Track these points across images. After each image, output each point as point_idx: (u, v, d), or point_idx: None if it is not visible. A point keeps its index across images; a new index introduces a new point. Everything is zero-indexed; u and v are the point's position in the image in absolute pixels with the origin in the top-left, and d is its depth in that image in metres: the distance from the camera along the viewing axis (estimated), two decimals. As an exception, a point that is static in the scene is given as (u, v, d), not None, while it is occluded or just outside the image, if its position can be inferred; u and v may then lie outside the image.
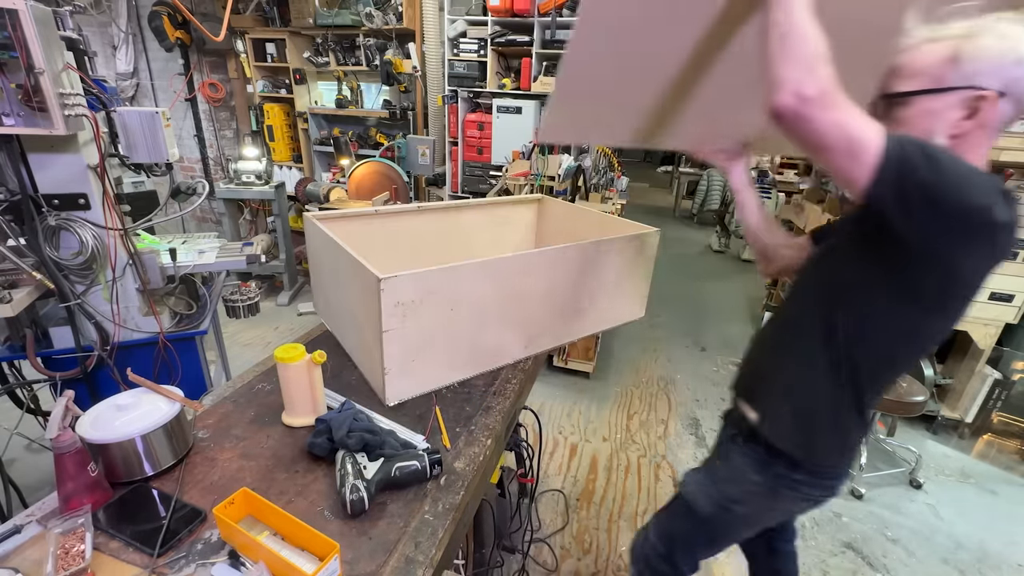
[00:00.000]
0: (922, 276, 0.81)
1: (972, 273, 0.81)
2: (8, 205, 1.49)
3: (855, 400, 0.96)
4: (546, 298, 1.40)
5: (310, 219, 1.50)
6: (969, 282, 0.82)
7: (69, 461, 0.83)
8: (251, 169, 4.11)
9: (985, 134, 0.81)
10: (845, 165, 0.74)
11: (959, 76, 0.79)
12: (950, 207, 0.73)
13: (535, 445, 1.88)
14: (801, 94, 0.72)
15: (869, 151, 0.72)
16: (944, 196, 0.73)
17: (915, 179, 0.72)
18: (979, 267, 0.80)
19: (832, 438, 1.00)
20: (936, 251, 0.77)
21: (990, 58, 0.77)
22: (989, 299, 2.73)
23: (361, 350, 1.30)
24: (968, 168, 0.74)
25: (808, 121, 0.73)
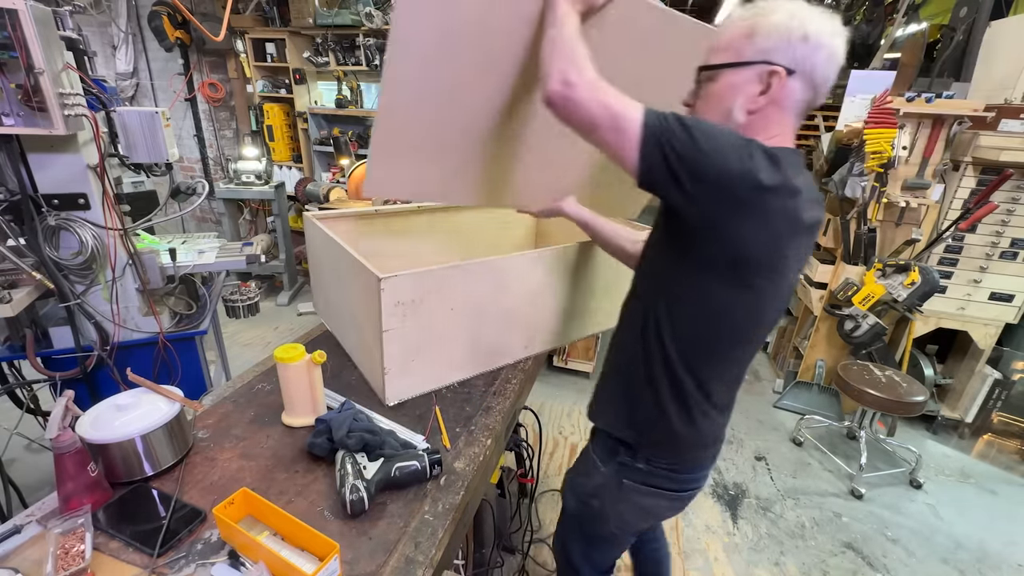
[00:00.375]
0: (708, 249, 0.83)
1: (756, 242, 0.80)
2: (8, 205, 1.49)
3: (674, 389, 0.94)
4: (546, 298, 1.40)
5: (310, 219, 1.50)
6: (761, 253, 0.81)
7: (69, 461, 0.83)
8: (251, 169, 4.11)
9: (780, 112, 0.84)
10: (614, 140, 0.79)
11: (755, 51, 0.82)
12: (712, 174, 0.76)
13: (535, 445, 1.88)
14: (567, 80, 0.81)
15: (633, 125, 0.77)
16: (704, 164, 0.75)
17: (676, 149, 0.75)
18: (760, 236, 0.79)
19: (659, 427, 0.98)
20: (712, 221, 0.79)
21: (780, 34, 0.80)
22: (989, 299, 2.74)
23: (361, 350, 1.30)
24: (728, 137, 0.77)
25: (576, 103, 0.81)
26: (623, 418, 1.03)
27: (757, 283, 0.85)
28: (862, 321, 2.79)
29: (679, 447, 1.00)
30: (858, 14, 4.22)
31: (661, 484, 1.04)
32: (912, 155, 2.64)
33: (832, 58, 0.81)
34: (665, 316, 0.91)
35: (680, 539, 2.18)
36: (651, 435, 1.00)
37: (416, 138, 1.11)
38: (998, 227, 2.64)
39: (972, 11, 2.91)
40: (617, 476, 1.05)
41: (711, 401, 0.96)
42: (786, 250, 0.83)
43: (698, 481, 1.08)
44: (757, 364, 3.78)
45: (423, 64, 0.98)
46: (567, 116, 0.83)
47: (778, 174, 0.76)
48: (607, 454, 1.07)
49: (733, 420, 3.00)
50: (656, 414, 0.97)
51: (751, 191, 0.76)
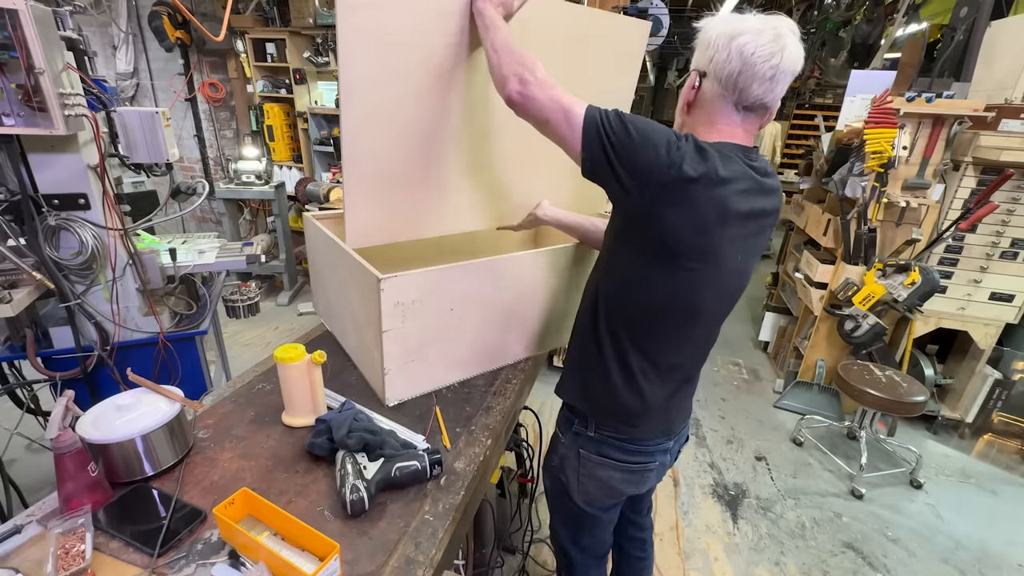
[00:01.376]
0: (642, 234, 0.91)
1: (684, 229, 0.87)
2: (8, 205, 1.49)
3: (620, 360, 1.02)
4: (546, 298, 1.40)
5: (310, 219, 1.50)
6: (690, 239, 0.88)
7: (69, 461, 0.83)
8: (251, 169, 4.11)
9: (701, 112, 0.94)
10: (566, 132, 0.88)
11: (696, 58, 0.94)
12: (643, 164, 0.84)
13: (535, 445, 1.88)
14: (523, 79, 0.90)
15: (578, 117, 0.87)
16: (636, 155, 0.84)
17: (612, 141, 0.84)
18: (686, 222, 0.86)
19: (604, 395, 1.06)
20: (644, 209, 0.87)
21: (701, 42, 0.92)
22: (989, 299, 2.73)
23: (361, 350, 1.30)
24: (660, 132, 0.85)
25: (532, 100, 0.90)
26: (576, 388, 1.12)
27: (689, 266, 0.91)
28: (862, 321, 2.79)
29: (627, 416, 1.07)
30: (858, 14, 4.22)
31: (611, 455, 1.10)
32: (912, 155, 2.64)
33: (730, 58, 0.86)
34: (611, 295, 1.01)
35: (680, 539, 2.18)
36: (601, 403, 1.08)
37: (387, 170, 1.15)
38: (998, 227, 2.64)
39: (972, 11, 2.91)
40: (574, 446, 1.14)
41: (658, 371, 1.03)
42: (716, 237, 0.89)
43: (651, 456, 1.12)
44: (757, 364, 3.78)
45: (373, 97, 1.04)
46: (525, 112, 0.92)
47: (703, 165, 0.83)
48: (565, 425, 1.18)
49: (733, 420, 3.03)
50: (604, 383, 1.05)
51: (676, 181, 0.83)
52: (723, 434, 2.92)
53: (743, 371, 3.67)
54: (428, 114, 1.14)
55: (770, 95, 0.88)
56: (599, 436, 1.10)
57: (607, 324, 1.02)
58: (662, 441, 1.12)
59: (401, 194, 1.21)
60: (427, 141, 1.17)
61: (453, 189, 1.29)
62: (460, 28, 1.07)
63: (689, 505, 2.37)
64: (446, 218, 1.33)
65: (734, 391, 3.39)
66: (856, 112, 3.14)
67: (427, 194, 1.25)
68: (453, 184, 1.29)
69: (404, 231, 1.28)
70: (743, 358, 3.86)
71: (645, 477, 1.15)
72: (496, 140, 1.31)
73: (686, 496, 2.42)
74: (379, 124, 1.08)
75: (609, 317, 1.01)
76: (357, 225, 1.17)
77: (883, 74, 3.12)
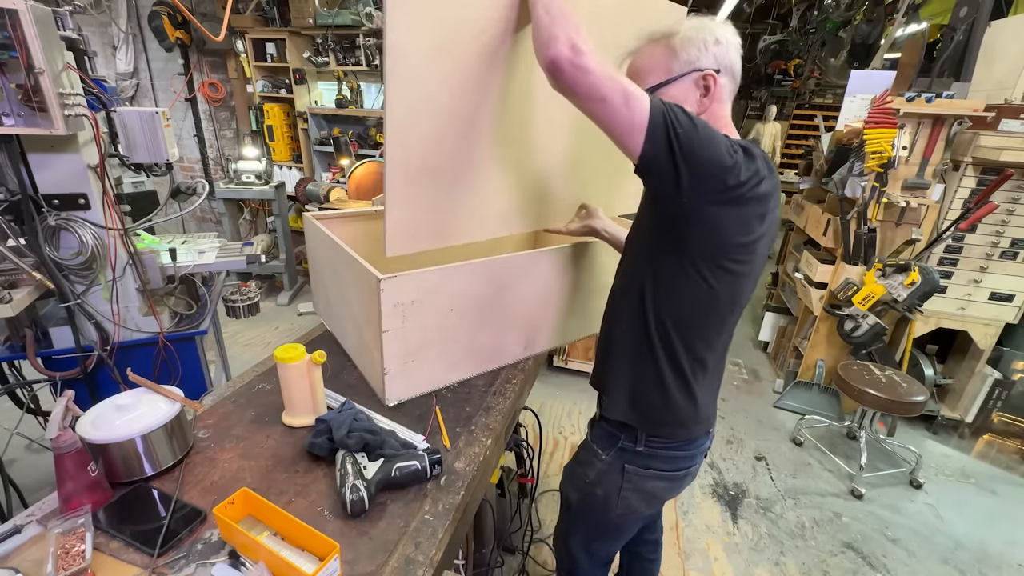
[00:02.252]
0: (684, 229, 0.88)
1: (735, 230, 0.87)
2: (8, 205, 1.49)
3: (672, 362, 1.00)
4: (546, 298, 1.40)
5: (310, 219, 1.50)
6: (739, 239, 0.88)
7: (69, 461, 0.83)
8: (251, 169, 4.11)
9: (721, 107, 0.96)
10: (624, 118, 0.80)
11: (683, 63, 0.93)
12: (705, 161, 0.81)
13: (535, 445, 1.88)
14: (576, 46, 0.79)
15: (643, 103, 0.79)
16: (702, 151, 0.80)
17: (679, 133, 0.79)
18: (738, 223, 0.87)
19: (660, 403, 1.03)
20: (691, 204, 0.84)
21: (696, 43, 0.91)
22: (989, 299, 2.73)
23: (361, 350, 1.30)
24: (717, 132, 0.84)
25: (586, 72, 0.79)
26: (625, 403, 1.06)
27: (733, 265, 0.91)
28: (862, 321, 2.79)
29: (680, 421, 1.04)
30: (858, 14, 4.22)
31: (660, 466, 1.08)
32: (912, 155, 2.64)
33: (737, 51, 0.94)
34: (659, 300, 0.97)
35: (680, 539, 2.18)
36: (654, 413, 1.04)
37: (432, 163, 1.05)
38: (998, 227, 2.64)
39: (972, 11, 2.91)
40: (619, 461, 1.09)
41: (705, 370, 1.02)
42: (757, 232, 0.90)
43: (693, 459, 1.12)
44: (757, 364, 3.78)
45: (422, 76, 0.95)
46: (573, 82, 0.80)
47: (753, 164, 0.84)
48: (607, 442, 1.11)
49: (733, 420, 3.03)
50: (659, 392, 1.02)
51: (735, 186, 0.82)
52: (723, 434, 2.92)
53: (743, 371, 3.67)
54: (473, 98, 1.03)
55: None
56: (648, 450, 1.07)
57: (658, 330, 0.98)
58: (703, 441, 1.12)
59: (444, 193, 1.11)
60: (471, 131, 1.08)
61: (494, 189, 1.21)
62: (512, 3, 0.97)
63: (689, 505, 2.37)
64: (488, 221, 1.25)
65: (734, 391, 3.39)
66: (856, 112, 3.14)
67: (469, 194, 1.16)
68: (494, 183, 1.20)
69: (445, 235, 1.16)
70: (743, 358, 3.86)
71: (686, 481, 1.15)
72: (538, 132, 1.22)
73: (686, 496, 2.42)
74: (427, 109, 0.97)
75: (659, 323, 0.98)
76: (401, 229, 1.06)
77: (883, 74, 3.12)
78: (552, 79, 0.83)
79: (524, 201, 1.31)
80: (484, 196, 1.20)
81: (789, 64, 7.50)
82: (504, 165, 1.20)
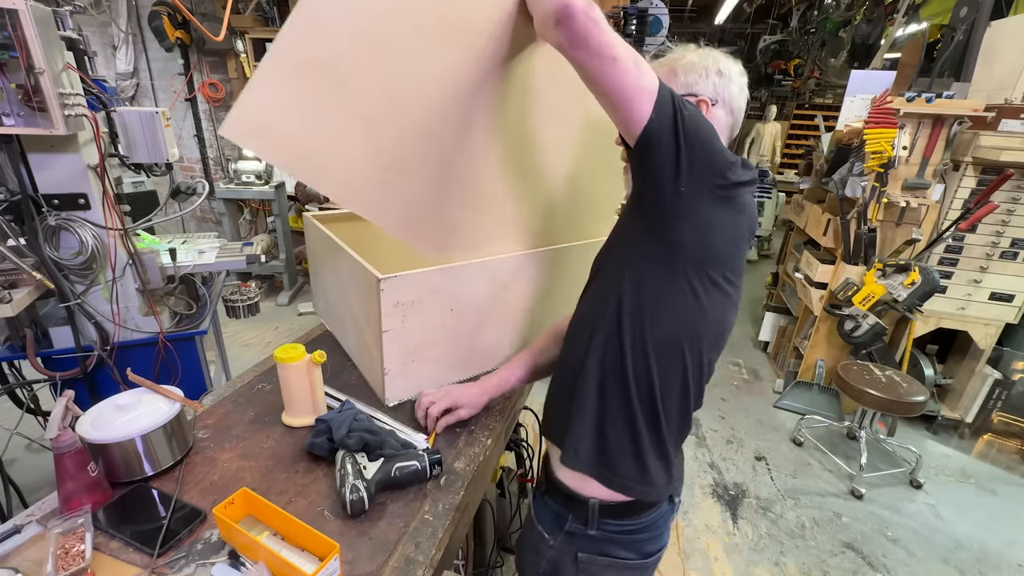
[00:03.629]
0: (671, 230, 0.81)
1: (723, 236, 0.82)
2: (8, 205, 1.49)
3: (648, 412, 0.87)
4: (546, 298, 1.40)
5: (310, 219, 1.50)
6: (727, 247, 0.83)
7: (69, 461, 0.83)
8: (251, 169, 4.11)
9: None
10: (635, 78, 0.73)
11: (680, 86, 0.89)
12: (708, 151, 0.77)
13: (535, 445, 1.88)
14: (591, 2, 0.73)
15: (652, 73, 0.74)
16: (705, 140, 0.76)
17: (685, 113, 0.74)
18: (727, 228, 0.82)
19: (630, 463, 0.88)
20: (687, 197, 0.78)
21: (697, 71, 0.89)
22: (989, 299, 2.74)
23: (361, 350, 1.30)
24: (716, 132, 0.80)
25: (601, 28, 0.72)
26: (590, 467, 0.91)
27: (722, 284, 0.84)
28: (862, 321, 2.79)
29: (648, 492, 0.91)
30: (858, 14, 4.22)
31: (620, 554, 0.93)
32: (912, 155, 2.64)
33: (742, 91, 0.91)
34: (635, 314, 0.85)
35: (680, 539, 2.18)
36: (622, 482, 0.90)
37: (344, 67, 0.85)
38: (998, 227, 2.64)
39: (972, 11, 2.91)
40: (570, 548, 0.94)
41: (682, 417, 0.91)
42: (743, 248, 0.87)
43: (661, 539, 0.97)
44: (757, 364, 3.78)
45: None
46: (586, 35, 0.71)
47: (750, 172, 0.82)
48: (553, 524, 0.96)
49: (733, 420, 3.03)
50: (631, 452, 0.88)
51: (734, 183, 0.80)
52: (723, 434, 2.92)
53: (743, 371, 3.67)
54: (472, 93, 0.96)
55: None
56: (602, 534, 0.91)
57: (639, 360, 0.85)
58: (668, 514, 0.97)
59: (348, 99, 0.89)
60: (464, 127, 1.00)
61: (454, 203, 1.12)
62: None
63: (689, 505, 2.37)
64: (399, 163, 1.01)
65: (734, 391, 3.39)
66: (856, 112, 3.14)
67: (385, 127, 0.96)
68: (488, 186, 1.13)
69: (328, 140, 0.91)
70: (743, 358, 3.86)
71: (654, 569, 0.99)
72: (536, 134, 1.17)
73: (686, 496, 2.42)
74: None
75: (641, 351, 0.85)
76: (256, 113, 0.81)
77: (883, 74, 3.12)
78: (559, 28, 0.74)
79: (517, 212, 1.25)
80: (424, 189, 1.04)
81: (789, 64, 7.50)
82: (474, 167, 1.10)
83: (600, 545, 0.93)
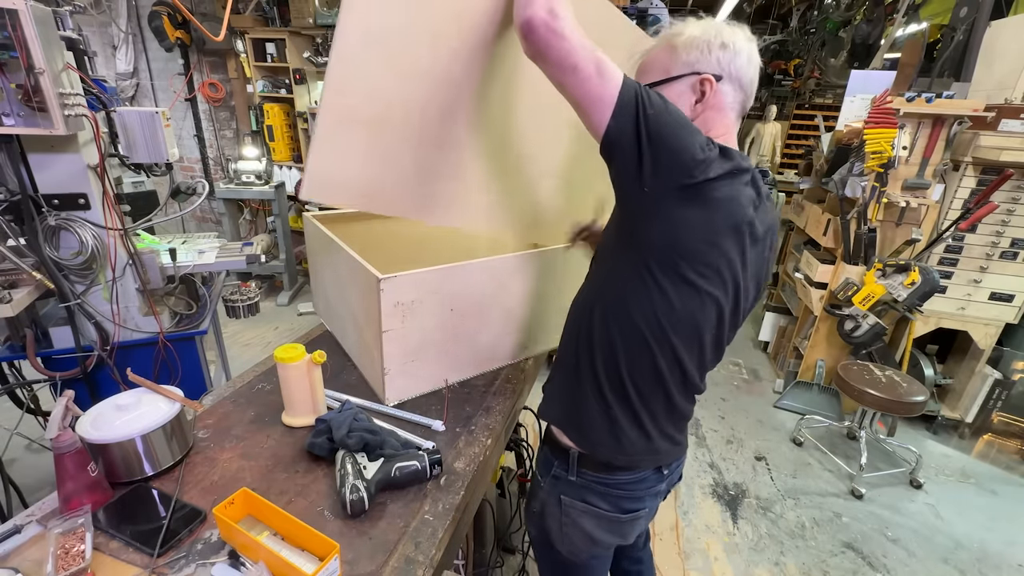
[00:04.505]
0: (644, 229, 0.81)
1: (694, 230, 0.79)
2: (8, 205, 1.49)
3: (617, 388, 0.91)
4: (546, 298, 1.40)
5: (310, 219, 1.50)
6: (698, 243, 0.80)
7: (69, 461, 0.83)
8: (251, 169, 4.12)
9: (719, 114, 0.88)
10: (595, 88, 0.75)
11: (681, 65, 0.87)
12: (675, 146, 0.75)
13: (535, 445, 1.88)
14: (553, 10, 0.75)
15: (615, 77, 0.75)
16: (671, 135, 0.75)
17: (648, 112, 0.74)
18: (699, 224, 0.78)
19: (601, 428, 0.94)
20: (653, 197, 0.78)
21: (699, 46, 0.86)
22: (989, 299, 2.74)
23: (361, 350, 1.30)
24: (692, 125, 0.79)
25: (560, 37, 0.75)
26: (560, 418, 1.01)
27: (696, 280, 0.82)
28: (862, 321, 2.79)
29: (616, 455, 0.95)
30: (858, 14, 4.22)
31: (597, 503, 0.98)
32: (912, 155, 2.64)
33: (751, 60, 0.87)
34: (608, 311, 0.89)
35: (680, 539, 2.18)
36: (596, 444, 0.95)
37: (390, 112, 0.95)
38: (998, 227, 2.64)
39: (972, 11, 2.91)
40: (555, 491, 1.02)
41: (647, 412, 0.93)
42: (725, 245, 0.81)
43: (640, 503, 1.00)
44: (757, 364, 3.78)
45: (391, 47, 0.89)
46: (546, 46, 0.76)
47: (728, 163, 0.78)
48: (544, 467, 1.06)
49: (733, 420, 3.03)
50: (604, 420, 0.93)
51: (699, 184, 0.76)
52: (723, 434, 2.92)
53: (743, 371, 3.67)
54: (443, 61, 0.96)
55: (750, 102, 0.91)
56: (581, 480, 0.98)
57: (606, 349, 0.90)
58: (653, 483, 1.00)
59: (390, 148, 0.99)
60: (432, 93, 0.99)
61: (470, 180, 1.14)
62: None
63: (689, 505, 2.37)
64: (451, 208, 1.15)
65: (734, 391, 3.39)
66: (856, 112, 3.14)
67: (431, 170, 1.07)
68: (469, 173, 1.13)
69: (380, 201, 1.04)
70: (743, 358, 3.86)
71: (633, 525, 1.03)
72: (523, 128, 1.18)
73: (686, 496, 2.42)
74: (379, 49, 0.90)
75: (609, 337, 0.89)
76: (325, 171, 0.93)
77: (883, 74, 3.12)
78: (524, 42, 0.79)
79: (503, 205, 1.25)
80: (439, 171, 1.09)
81: (789, 64, 7.50)
82: (482, 157, 1.13)
83: (579, 491, 0.99)
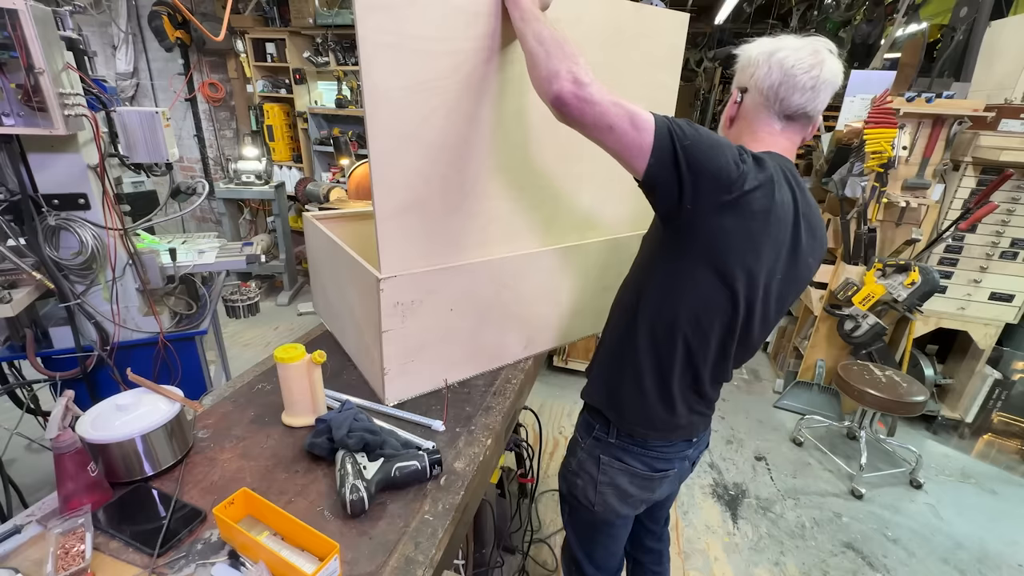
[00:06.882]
0: (689, 240, 0.90)
1: (735, 237, 0.86)
2: (8, 205, 1.49)
3: (656, 367, 1.02)
4: (546, 298, 1.40)
5: (310, 219, 1.50)
6: (739, 249, 0.87)
7: (69, 461, 0.83)
8: (251, 169, 4.11)
9: (746, 125, 0.98)
10: (632, 139, 0.82)
11: (737, 81, 1.00)
12: (710, 168, 0.82)
13: (535, 445, 1.88)
14: (578, 79, 0.81)
15: (648, 123, 0.82)
16: (707, 159, 0.82)
17: (684, 143, 0.81)
18: (738, 231, 0.86)
19: (637, 402, 1.05)
20: (696, 214, 0.85)
21: (744, 63, 0.97)
22: (989, 299, 2.74)
23: (361, 350, 1.30)
24: (724, 139, 0.86)
25: (591, 103, 0.81)
26: (603, 393, 1.12)
27: (732, 279, 0.90)
28: (862, 321, 2.79)
29: (653, 424, 1.06)
30: (858, 14, 4.21)
31: (631, 462, 1.11)
32: (912, 155, 2.64)
33: (771, 71, 0.92)
34: (649, 294, 0.99)
35: (680, 539, 2.18)
36: (628, 409, 1.07)
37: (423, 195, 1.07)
38: (998, 227, 2.64)
39: (972, 11, 2.90)
40: (595, 451, 1.14)
41: (690, 379, 1.03)
42: (762, 250, 0.88)
43: (669, 463, 1.12)
44: (757, 364, 3.78)
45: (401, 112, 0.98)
46: (580, 115, 0.82)
47: (762, 173, 0.84)
48: (584, 429, 1.17)
49: (733, 420, 3.03)
50: (635, 390, 1.04)
51: (738, 198, 0.83)
52: (723, 434, 2.92)
53: (743, 371, 3.67)
54: (462, 129, 1.06)
55: (812, 104, 0.92)
56: (619, 442, 1.10)
57: (648, 333, 1.00)
58: (682, 448, 1.12)
59: (437, 222, 1.12)
60: (462, 160, 1.09)
61: (495, 215, 1.22)
62: (491, 31, 1.00)
63: (689, 505, 2.37)
64: (490, 244, 1.24)
65: (734, 391, 3.39)
66: (856, 112, 3.13)
67: (463, 222, 1.17)
68: (494, 209, 1.21)
69: (440, 261, 1.17)
70: (743, 358, 3.86)
71: (662, 484, 1.15)
72: (535, 155, 1.24)
73: (686, 496, 2.42)
74: (411, 147, 1.01)
75: (649, 324, 1.00)
76: (394, 258, 1.09)
77: (883, 74, 3.12)
78: (558, 114, 0.86)
79: (531, 222, 1.32)
80: (483, 222, 1.20)
81: (789, 64, 7.47)
82: (504, 190, 1.21)
83: (617, 452, 1.11)
